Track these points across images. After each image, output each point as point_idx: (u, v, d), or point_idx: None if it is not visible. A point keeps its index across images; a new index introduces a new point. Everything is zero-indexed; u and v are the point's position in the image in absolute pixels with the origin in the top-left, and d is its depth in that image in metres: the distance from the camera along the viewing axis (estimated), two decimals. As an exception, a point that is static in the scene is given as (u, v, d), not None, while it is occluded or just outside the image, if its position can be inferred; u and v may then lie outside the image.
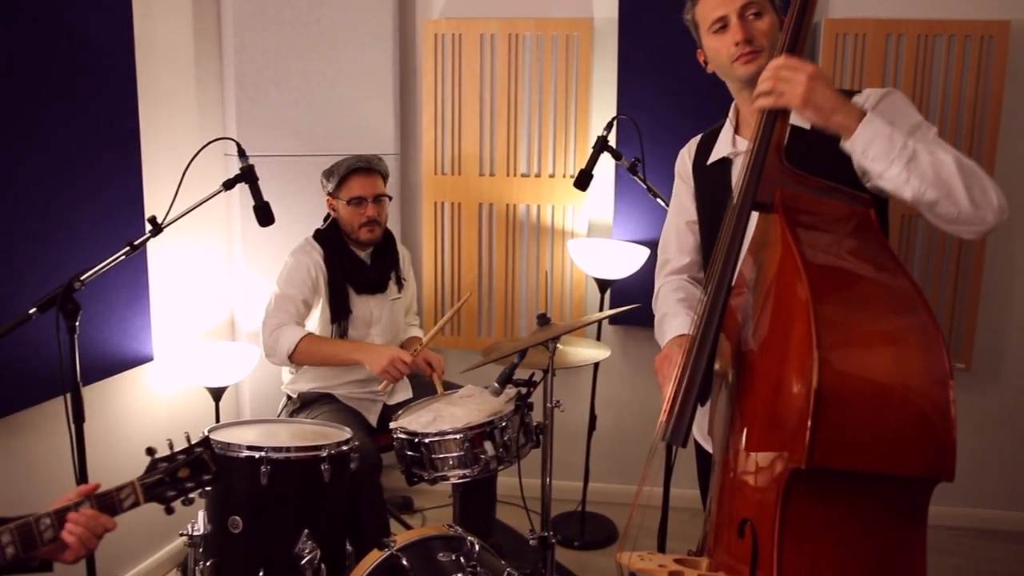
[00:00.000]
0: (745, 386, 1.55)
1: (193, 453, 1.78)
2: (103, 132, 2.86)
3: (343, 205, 3.01)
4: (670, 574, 1.58)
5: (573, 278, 3.77)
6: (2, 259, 2.50)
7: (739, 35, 1.82)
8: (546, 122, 3.68)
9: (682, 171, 2.17)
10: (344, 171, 2.98)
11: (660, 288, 2.19)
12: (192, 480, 1.77)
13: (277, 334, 2.90)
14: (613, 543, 3.62)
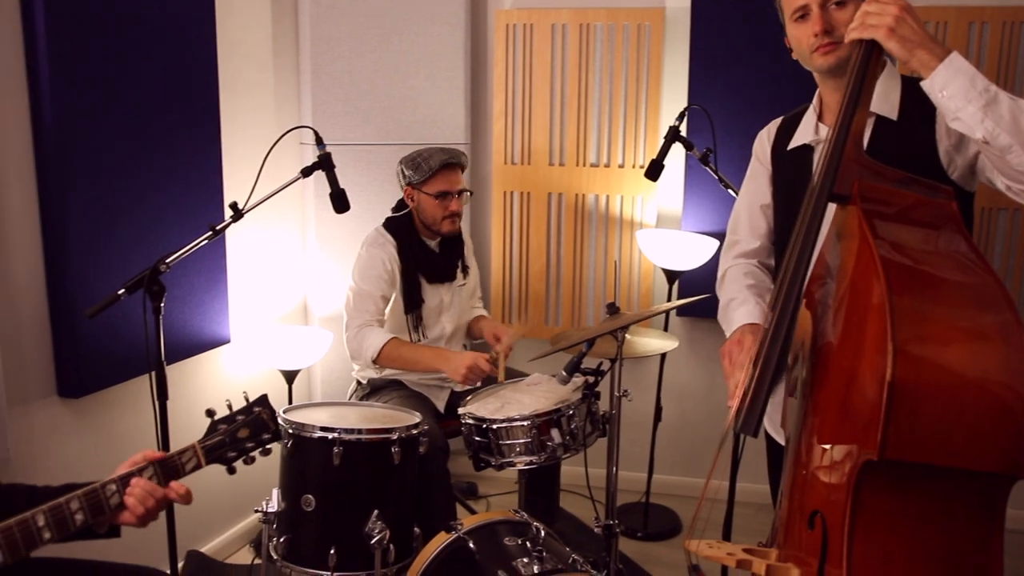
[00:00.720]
0: (819, 377, 1.54)
1: (252, 413, 1.79)
2: (187, 123, 2.96)
3: (427, 198, 3.03)
4: (738, 563, 1.58)
5: (641, 269, 3.76)
6: (94, 243, 2.61)
7: (818, 26, 1.80)
8: (616, 112, 3.68)
9: (760, 153, 2.14)
10: (436, 166, 2.99)
11: (727, 270, 2.17)
12: (252, 440, 1.78)
13: (361, 336, 2.95)
14: (676, 535, 3.61)
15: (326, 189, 2.69)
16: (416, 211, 3.09)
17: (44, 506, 1.52)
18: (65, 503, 1.54)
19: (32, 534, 1.50)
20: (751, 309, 1.99)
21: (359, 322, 2.98)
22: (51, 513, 1.52)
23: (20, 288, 2.50)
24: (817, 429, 1.53)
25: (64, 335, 2.58)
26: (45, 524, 1.51)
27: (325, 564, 2.36)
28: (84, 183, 2.57)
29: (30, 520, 1.49)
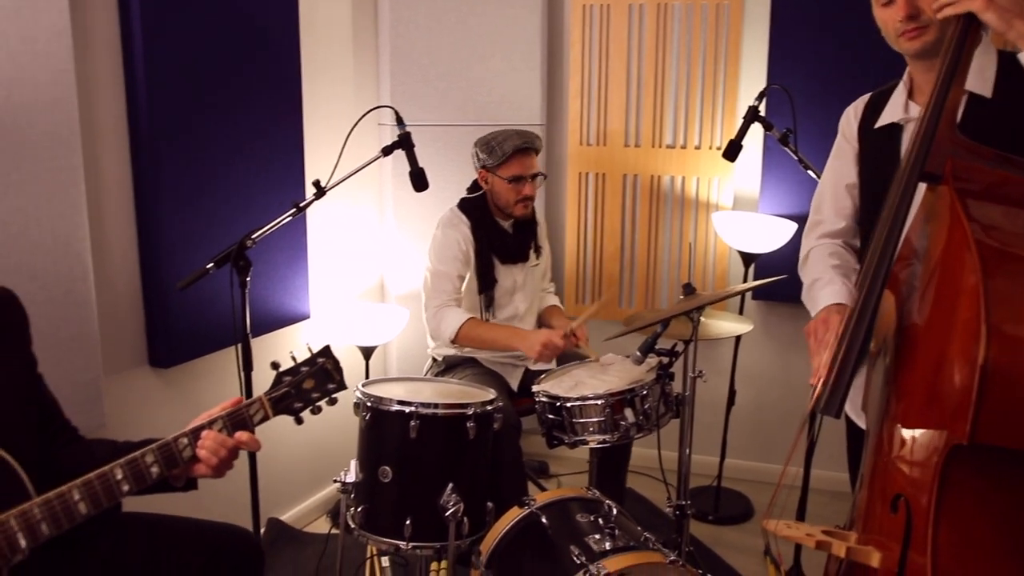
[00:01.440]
0: (905, 360, 1.51)
1: (316, 364, 1.80)
2: (270, 104, 3.03)
3: (500, 181, 3.05)
4: (818, 544, 1.57)
5: (716, 251, 3.73)
6: (182, 220, 2.70)
7: (902, 11, 1.76)
8: (693, 93, 3.64)
9: (847, 131, 2.10)
10: (510, 151, 2.99)
11: (811, 250, 2.14)
12: (318, 391, 1.80)
13: (439, 317, 3.00)
14: (748, 520, 3.59)
15: (404, 168, 2.73)
16: (490, 193, 3.11)
17: (122, 460, 1.59)
18: (141, 456, 1.60)
19: (111, 486, 1.57)
20: (837, 289, 1.96)
21: (437, 303, 3.02)
22: (128, 466, 1.59)
23: (116, 264, 2.61)
24: (902, 413, 1.51)
25: (155, 308, 2.68)
26: (123, 477, 1.58)
27: (401, 534, 2.42)
28: (174, 163, 2.66)
29: (109, 473, 1.56)
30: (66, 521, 1.51)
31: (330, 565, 3.10)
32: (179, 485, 1.74)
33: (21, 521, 1.47)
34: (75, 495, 1.52)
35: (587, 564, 2.06)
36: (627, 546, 2.15)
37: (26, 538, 1.47)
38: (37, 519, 1.48)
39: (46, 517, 1.49)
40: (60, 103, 2.26)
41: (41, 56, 2.20)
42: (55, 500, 1.50)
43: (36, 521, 1.48)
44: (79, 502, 1.52)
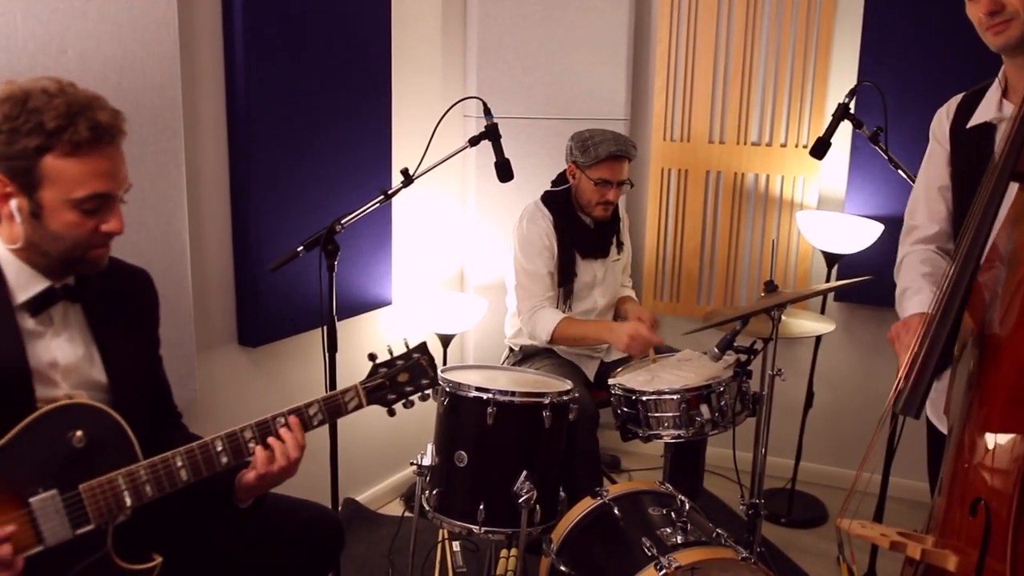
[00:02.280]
0: (988, 364, 1.49)
1: (412, 358, 1.86)
2: (361, 94, 3.11)
3: (587, 180, 3.06)
4: (892, 544, 1.56)
5: (799, 251, 3.68)
6: (273, 205, 2.80)
7: (986, 7, 1.73)
8: (781, 89, 3.59)
9: (938, 132, 2.06)
10: (604, 155, 2.99)
11: (905, 257, 2.11)
12: (411, 385, 1.85)
13: (535, 320, 3.03)
14: (822, 524, 3.53)
15: (488, 159, 2.77)
16: (575, 188, 3.13)
17: (223, 433, 1.67)
18: (240, 431, 1.68)
19: (211, 457, 1.64)
20: (924, 298, 1.93)
21: (531, 304, 3.05)
22: (228, 439, 1.67)
23: (210, 244, 2.72)
24: (985, 417, 1.48)
25: (246, 288, 2.79)
26: (223, 449, 1.66)
27: (474, 518, 2.46)
28: (267, 149, 2.76)
29: (210, 444, 1.65)
30: (168, 485, 1.59)
31: (402, 547, 3.17)
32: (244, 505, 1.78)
33: (128, 481, 1.56)
34: (178, 461, 1.60)
35: (658, 556, 2.07)
36: (698, 541, 2.16)
37: (131, 497, 1.56)
38: (142, 480, 1.57)
39: (151, 479, 1.57)
40: (165, 89, 2.37)
41: (150, 44, 2.31)
42: (159, 464, 1.59)
43: (142, 482, 1.57)
44: (181, 468, 1.60)
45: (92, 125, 1.49)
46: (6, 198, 1.51)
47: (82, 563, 1.53)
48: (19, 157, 1.47)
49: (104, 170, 1.53)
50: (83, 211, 1.53)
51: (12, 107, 1.48)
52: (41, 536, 1.49)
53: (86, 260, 1.60)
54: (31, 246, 1.55)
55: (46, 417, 1.52)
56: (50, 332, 1.61)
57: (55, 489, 1.50)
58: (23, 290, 1.57)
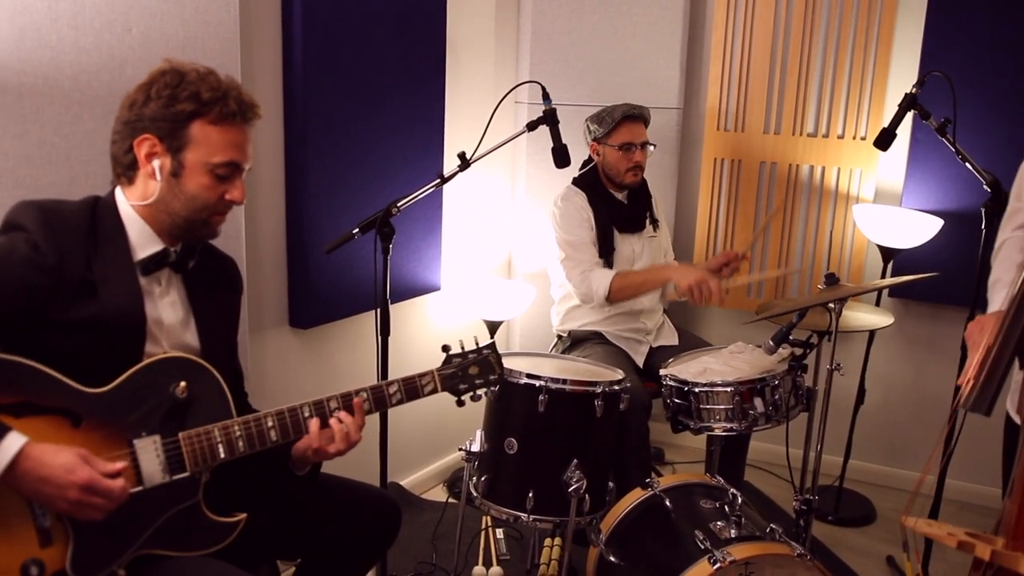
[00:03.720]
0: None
1: (482, 354, 1.96)
2: (416, 78, 3.10)
3: (611, 150, 3.10)
4: (960, 544, 1.51)
5: (854, 245, 3.60)
6: (327, 188, 2.80)
7: None
8: (840, 79, 3.51)
9: None
10: (619, 117, 3.07)
11: (1004, 242, 2.04)
12: (481, 378, 1.94)
13: (588, 280, 3.01)
14: (870, 523, 3.47)
15: (539, 146, 2.75)
16: (601, 165, 3.15)
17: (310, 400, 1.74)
18: (326, 400, 1.76)
19: (298, 420, 1.73)
20: None
21: (581, 268, 3.04)
22: (314, 405, 1.74)
23: (264, 226, 2.73)
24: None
25: (297, 270, 2.80)
26: (309, 414, 1.73)
27: (522, 506, 2.45)
28: (322, 131, 2.76)
29: (298, 408, 1.72)
30: (259, 443, 1.68)
31: (446, 532, 3.17)
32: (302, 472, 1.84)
33: (223, 434, 1.65)
34: (269, 421, 1.69)
35: (712, 550, 2.04)
36: (752, 535, 2.13)
37: (225, 450, 1.65)
38: (236, 435, 1.66)
39: (243, 435, 1.66)
40: (225, 68, 2.32)
41: (211, 24, 2.31)
42: (252, 422, 1.68)
43: (235, 437, 1.65)
44: (271, 428, 1.69)
45: (239, 101, 1.66)
46: (151, 156, 1.63)
47: (175, 508, 1.62)
48: (172, 119, 1.61)
49: (240, 142, 1.69)
50: (216, 176, 1.66)
51: (173, 77, 1.63)
52: (140, 477, 1.57)
53: (207, 224, 1.72)
54: (161, 204, 1.66)
55: (155, 366, 1.62)
56: (158, 292, 1.70)
57: (157, 434, 1.59)
58: (142, 248, 1.67)
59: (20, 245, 1.53)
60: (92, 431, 1.54)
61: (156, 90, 1.62)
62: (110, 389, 1.57)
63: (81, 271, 1.57)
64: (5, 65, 1.91)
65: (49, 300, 1.53)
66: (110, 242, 1.63)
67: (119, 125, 1.67)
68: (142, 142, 1.63)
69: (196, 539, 1.67)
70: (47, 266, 1.52)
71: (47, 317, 1.53)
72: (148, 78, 1.65)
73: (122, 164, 1.67)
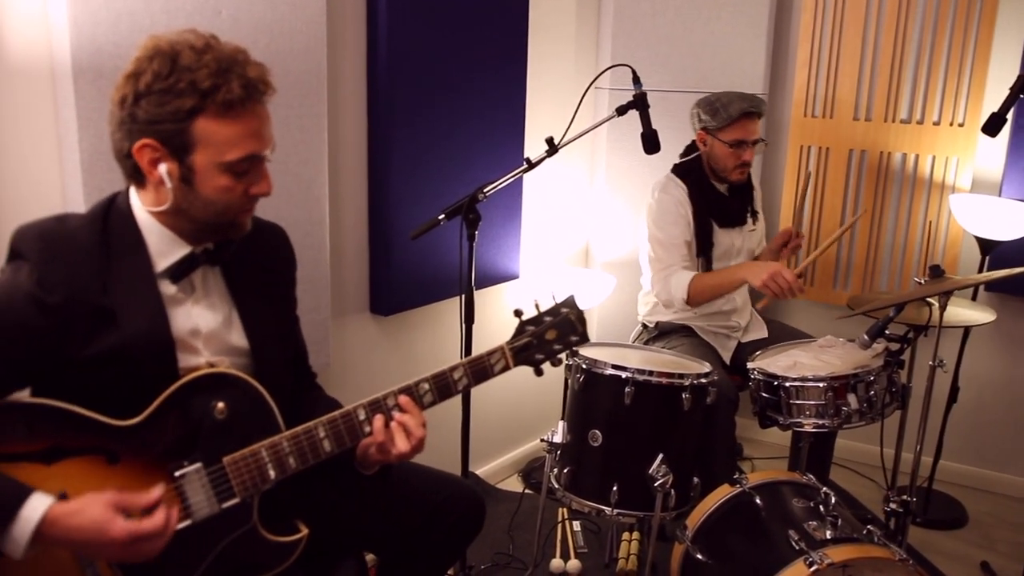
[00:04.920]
0: None
1: (560, 314, 1.71)
2: (499, 62, 3.05)
3: (720, 145, 2.94)
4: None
5: (948, 236, 3.45)
6: (409, 174, 2.77)
7: None
8: (936, 63, 3.36)
9: None
10: (736, 114, 2.89)
11: None
12: (560, 342, 1.70)
13: (668, 283, 2.91)
14: (961, 527, 3.34)
15: (620, 132, 2.67)
16: (707, 156, 3.01)
17: (365, 400, 1.58)
18: (383, 398, 1.60)
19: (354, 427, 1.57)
20: None
21: (663, 272, 2.93)
22: (371, 407, 1.58)
23: (347, 212, 2.72)
24: None
25: (379, 257, 2.78)
26: (365, 418, 1.58)
27: (606, 500, 2.41)
28: (405, 117, 2.73)
29: (352, 413, 1.58)
30: (312, 456, 1.53)
31: (522, 523, 3.14)
32: (370, 472, 1.69)
33: (272, 453, 1.51)
34: (320, 432, 1.54)
35: (808, 551, 1.97)
36: (849, 537, 2.05)
37: (275, 470, 1.51)
38: (286, 452, 1.51)
39: (294, 451, 1.52)
40: (311, 52, 2.36)
41: (299, 7, 2.30)
42: (302, 435, 1.53)
43: (285, 454, 1.51)
44: (324, 439, 1.54)
45: (244, 82, 1.42)
46: (155, 163, 1.44)
47: (229, 536, 1.51)
48: (171, 120, 1.40)
49: (254, 130, 1.46)
50: (234, 174, 1.46)
51: (162, 64, 1.40)
52: (189, 510, 1.46)
53: (234, 224, 1.54)
54: (178, 211, 1.49)
55: (187, 388, 1.48)
56: (191, 299, 1.56)
57: (200, 463, 1.47)
58: (164, 257, 1.51)
59: (23, 282, 1.39)
60: (130, 467, 1.43)
61: (146, 83, 1.40)
62: (143, 419, 1.44)
63: (95, 299, 1.42)
64: (101, 49, 1.92)
65: (62, 340, 1.40)
66: (126, 257, 1.48)
67: (113, 124, 1.46)
68: (142, 148, 1.43)
69: (258, 564, 1.55)
70: (52, 304, 1.38)
71: (65, 355, 1.41)
72: (134, 66, 1.42)
73: (126, 169, 1.49)
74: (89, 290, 1.42)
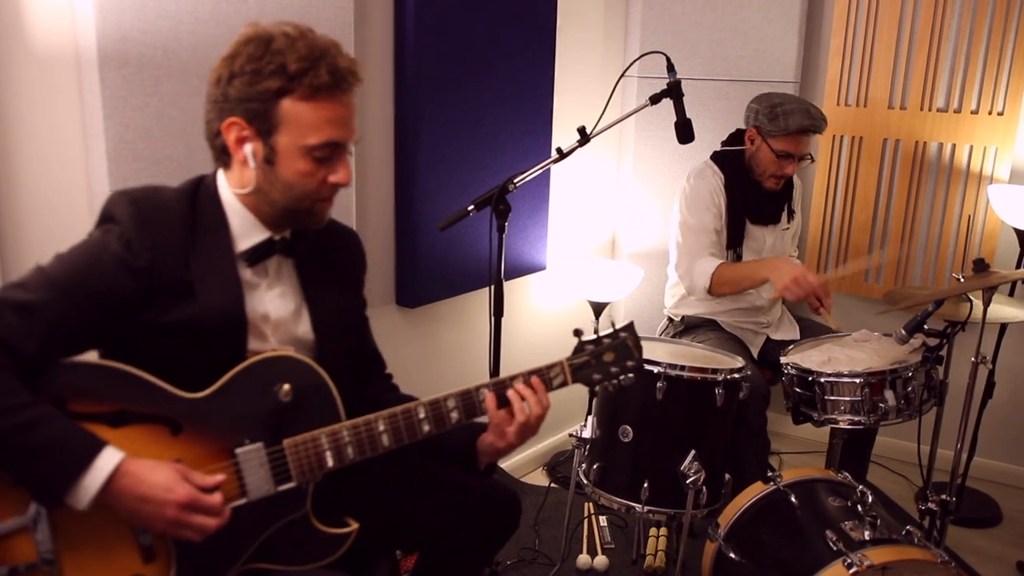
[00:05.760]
0: None
1: (619, 338, 1.73)
2: (527, 51, 3.00)
3: (767, 151, 2.84)
4: None
5: (985, 228, 3.37)
6: (436, 165, 2.72)
7: None
8: (976, 49, 3.27)
9: None
10: (794, 128, 2.77)
11: None
12: (617, 365, 1.72)
13: (693, 270, 2.83)
14: (995, 525, 3.27)
15: (647, 121, 2.61)
16: (750, 154, 2.92)
17: (425, 399, 1.60)
18: (443, 399, 1.61)
19: (413, 424, 1.58)
20: None
21: (689, 257, 2.86)
22: (431, 406, 1.60)
23: (373, 204, 2.68)
24: None
25: (405, 249, 2.74)
26: (425, 416, 1.59)
27: (637, 496, 2.37)
28: (432, 105, 2.68)
29: (412, 410, 1.58)
30: (369, 449, 1.55)
31: (547, 517, 3.10)
32: (481, 468, 1.74)
33: (331, 440, 1.52)
34: (380, 425, 1.55)
35: (846, 552, 1.92)
36: (889, 538, 2.00)
37: (333, 458, 1.52)
38: (345, 441, 1.53)
39: (352, 441, 1.53)
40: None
41: (325, -8, 2.26)
42: (362, 426, 1.55)
43: (344, 443, 1.53)
44: (383, 433, 1.55)
45: (332, 70, 1.46)
46: (242, 142, 1.48)
47: (281, 520, 1.52)
48: (259, 99, 1.45)
49: (338, 117, 1.49)
50: (314, 159, 1.49)
51: (256, 47, 1.45)
52: (245, 488, 1.47)
53: (312, 213, 1.56)
54: (260, 193, 1.52)
55: (256, 367, 1.50)
56: (264, 284, 1.58)
57: (260, 442, 1.48)
58: (244, 239, 1.54)
59: (112, 244, 1.42)
60: (192, 439, 1.45)
61: (240, 64, 1.45)
62: (210, 394, 1.47)
63: (177, 270, 1.46)
64: (127, 36, 1.89)
65: (143, 303, 1.43)
66: (210, 234, 1.51)
67: (208, 104, 1.52)
68: (230, 126, 1.48)
69: (306, 552, 1.56)
70: (139, 267, 1.42)
71: (142, 320, 1.43)
72: (232, 49, 1.48)
73: (215, 149, 1.54)
74: (173, 260, 1.45)
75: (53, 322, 1.36)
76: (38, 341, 1.34)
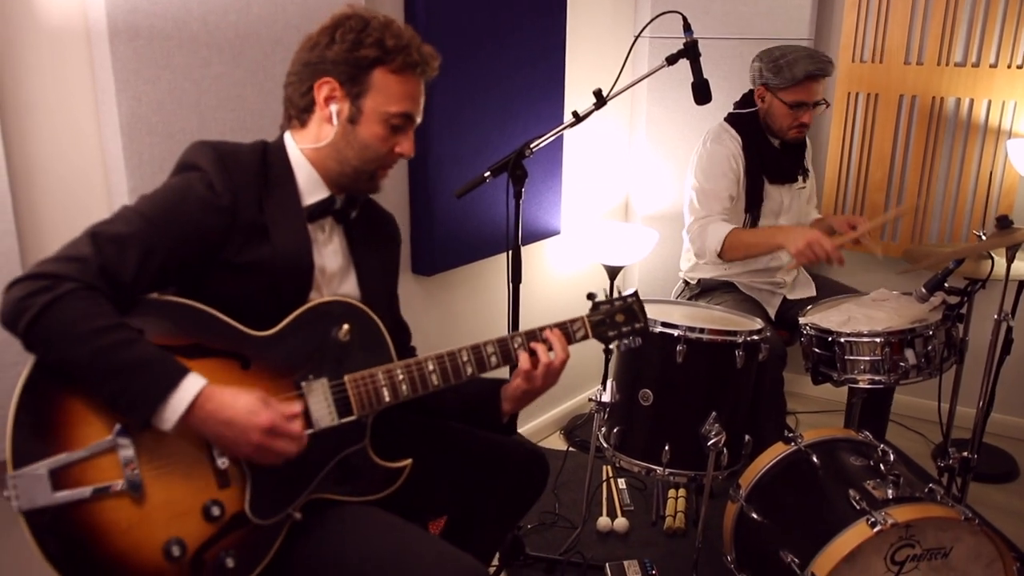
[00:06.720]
0: None
1: (627, 302, 1.93)
2: (537, 14, 2.96)
3: (779, 104, 2.82)
4: None
5: (1004, 184, 3.34)
6: (449, 132, 2.70)
7: None
8: (995, 1, 3.20)
9: None
10: (800, 76, 2.76)
11: None
12: (627, 326, 1.91)
13: (704, 233, 2.81)
14: (1011, 480, 3.29)
15: (660, 83, 2.58)
16: (764, 112, 2.89)
17: (468, 345, 1.72)
18: (483, 345, 1.74)
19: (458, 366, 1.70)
20: None
21: (700, 220, 2.84)
22: (472, 351, 1.72)
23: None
24: None
25: (421, 217, 2.73)
26: (468, 359, 1.72)
27: (658, 459, 2.38)
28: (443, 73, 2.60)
29: (456, 353, 1.70)
30: (420, 387, 1.67)
31: (566, 481, 3.12)
32: (504, 421, 1.87)
33: (387, 377, 1.64)
34: (429, 365, 1.68)
35: (869, 511, 1.92)
36: (912, 496, 2.00)
37: (389, 393, 1.64)
38: (399, 379, 1.65)
39: (406, 378, 1.65)
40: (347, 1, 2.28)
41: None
42: (413, 365, 1.67)
43: (399, 380, 1.65)
44: (432, 372, 1.68)
45: (420, 53, 1.65)
46: (329, 100, 1.62)
47: (344, 451, 1.62)
48: (356, 64, 1.60)
49: (417, 94, 1.68)
50: (391, 126, 1.64)
51: (358, 22, 1.62)
52: (310, 420, 1.57)
53: (373, 178, 1.71)
54: (333, 150, 1.65)
55: (318, 309, 1.63)
56: (321, 239, 1.70)
57: (324, 377, 1.59)
58: (308, 195, 1.67)
59: (196, 185, 1.53)
60: (260, 374, 1.54)
61: (341, 33, 1.60)
62: (276, 332, 1.57)
63: (254, 213, 1.57)
64: (137, 7, 1.87)
65: (223, 241, 1.53)
66: (280, 186, 1.63)
67: (298, 66, 1.65)
68: (322, 85, 1.62)
69: (365, 483, 1.67)
70: (222, 206, 1.53)
71: (220, 258, 1.54)
72: (332, 20, 1.64)
73: (297, 106, 1.66)
74: (251, 203, 1.57)
75: (146, 253, 1.45)
76: (133, 270, 1.43)
